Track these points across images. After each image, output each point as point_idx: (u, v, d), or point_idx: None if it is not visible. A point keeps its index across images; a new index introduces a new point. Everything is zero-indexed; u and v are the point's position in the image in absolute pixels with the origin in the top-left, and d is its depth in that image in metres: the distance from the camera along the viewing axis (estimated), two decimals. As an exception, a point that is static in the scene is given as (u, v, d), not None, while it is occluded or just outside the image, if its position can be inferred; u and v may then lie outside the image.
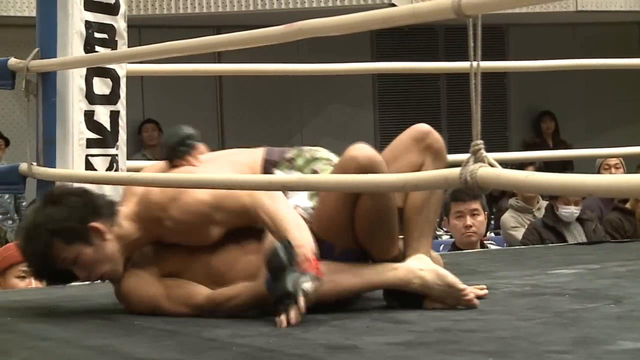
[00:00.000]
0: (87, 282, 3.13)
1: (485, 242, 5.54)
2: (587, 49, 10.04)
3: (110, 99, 3.84)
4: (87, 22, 3.76)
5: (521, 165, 7.58)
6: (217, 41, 3.11)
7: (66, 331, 2.82)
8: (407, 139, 3.07)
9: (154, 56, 3.37)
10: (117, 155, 3.83)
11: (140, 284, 2.98)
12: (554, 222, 6.29)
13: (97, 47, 3.79)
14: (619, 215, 6.66)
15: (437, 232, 7.84)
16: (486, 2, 2.16)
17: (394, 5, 8.73)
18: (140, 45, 3.45)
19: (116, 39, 3.85)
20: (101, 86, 3.81)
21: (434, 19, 2.29)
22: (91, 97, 3.77)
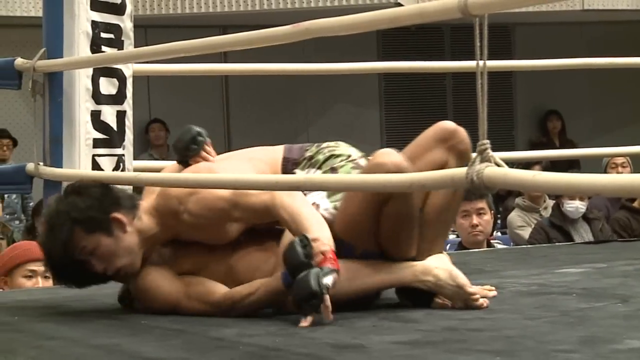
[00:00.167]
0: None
1: (491, 241, 5.54)
2: (594, 48, 10.01)
3: (116, 98, 3.84)
4: (93, 22, 3.76)
5: (527, 164, 7.57)
6: (223, 41, 3.11)
7: (73, 330, 2.82)
8: (431, 137, 2.99)
9: (160, 56, 3.37)
10: (123, 155, 3.84)
11: (159, 280, 2.97)
12: (560, 221, 6.28)
13: (103, 47, 3.79)
14: (626, 214, 6.65)
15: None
16: (492, 2, 2.16)
17: (401, 4, 8.73)
18: (146, 45, 3.45)
19: (122, 39, 3.86)
20: (108, 86, 3.82)
21: (440, 18, 2.29)
22: (98, 97, 3.78)
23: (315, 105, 10.89)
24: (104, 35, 3.80)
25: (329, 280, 2.70)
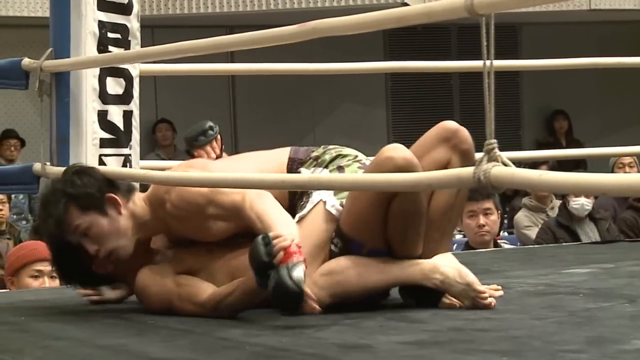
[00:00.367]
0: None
1: (498, 241, 5.54)
2: (601, 47, 10.01)
3: (123, 98, 3.84)
4: (100, 22, 3.77)
5: (534, 164, 7.56)
6: (229, 41, 3.11)
7: (80, 330, 2.83)
8: (434, 137, 2.99)
9: (167, 56, 3.37)
10: (130, 155, 3.84)
11: (154, 280, 3.00)
12: (567, 220, 6.28)
13: (110, 47, 3.79)
14: (633, 213, 6.64)
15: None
16: (499, 1, 2.16)
17: (407, 4, 8.72)
18: (153, 45, 3.45)
19: (129, 38, 3.86)
20: (114, 86, 3.82)
21: (447, 18, 2.29)
22: (104, 97, 3.78)
23: (321, 105, 10.89)
24: (110, 35, 3.80)
25: (299, 273, 2.70)
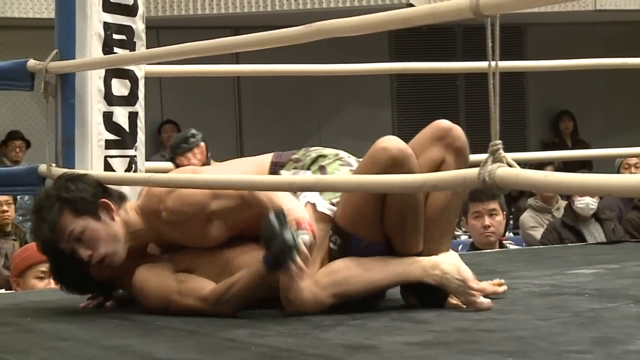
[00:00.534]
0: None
1: (504, 242, 5.54)
2: (606, 48, 10.01)
3: (128, 100, 3.84)
4: (105, 23, 3.77)
5: (540, 165, 7.56)
6: (235, 42, 3.11)
7: (85, 331, 2.83)
8: (428, 136, 3.02)
9: (172, 57, 3.38)
10: (135, 156, 3.84)
11: (152, 277, 3.02)
12: (573, 221, 6.27)
13: (115, 49, 3.79)
14: (638, 214, 6.64)
15: (456, 232, 7.83)
16: (504, 2, 2.16)
17: (412, 5, 8.72)
18: (158, 46, 3.46)
19: (134, 40, 3.86)
20: (120, 87, 3.82)
21: (452, 19, 2.29)
22: (110, 98, 3.78)
23: (327, 106, 10.89)
24: (116, 36, 3.80)
25: (305, 236, 2.73)
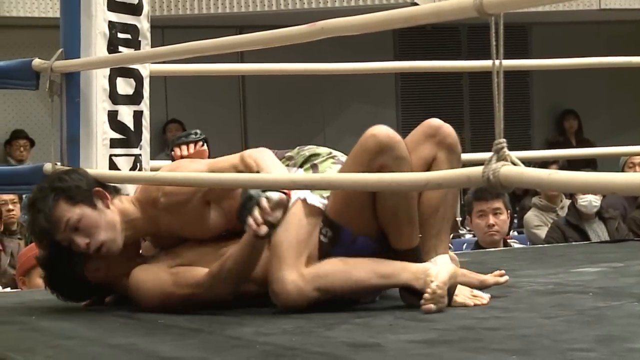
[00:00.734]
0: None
1: (508, 240, 5.54)
2: (611, 47, 9.97)
3: (133, 99, 3.85)
4: (110, 22, 3.77)
5: (544, 163, 7.55)
6: (239, 41, 3.12)
7: (90, 330, 2.84)
8: (419, 134, 3.06)
9: (177, 56, 3.38)
10: (140, 155, 3.84)
11: (149, 275, 3.05)
12: (577, 219, 6.27)
13: (120, 48, 3.80)
14: (642, 213, 6.63)
15: (460, 231, 7.84)
16: (508, 1, 2.16)
17: (416, 4, 8.72)
18: (163, 45, 3.46)
19: (139, 39, 3.86)
20: (124, 86, 3.82)
21: (456, 17, 2.29)
22: (115, 97, 3.78)
23: (331, 105, 10.89)
24: (121, 35, 3.80)
25: (273, 194, 2.79)
